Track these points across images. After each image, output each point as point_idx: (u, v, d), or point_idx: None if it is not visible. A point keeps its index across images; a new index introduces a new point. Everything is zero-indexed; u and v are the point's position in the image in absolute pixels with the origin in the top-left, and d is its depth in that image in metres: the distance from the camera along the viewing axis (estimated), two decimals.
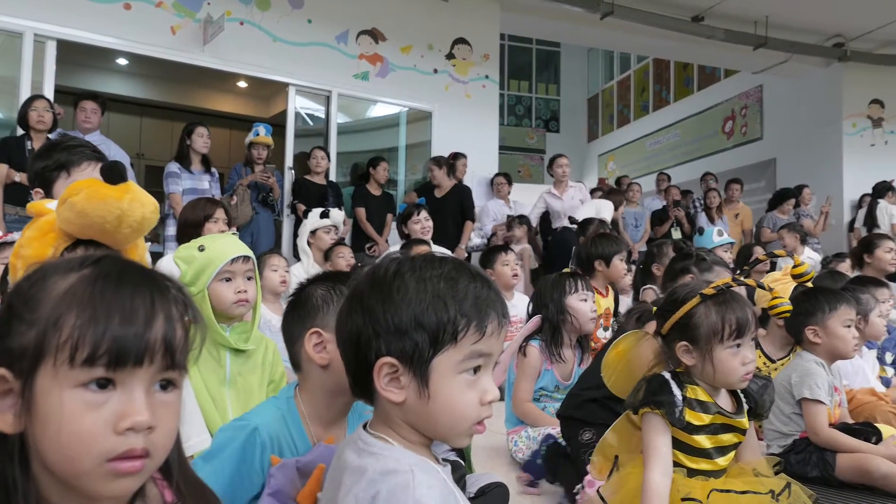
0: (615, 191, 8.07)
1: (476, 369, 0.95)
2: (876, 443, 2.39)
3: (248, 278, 1.98)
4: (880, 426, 2.50)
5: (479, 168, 7.69)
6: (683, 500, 1.62)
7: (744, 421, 1.69)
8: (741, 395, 1.72)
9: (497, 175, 7.74)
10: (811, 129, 10.14)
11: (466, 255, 6.76)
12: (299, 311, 1.41)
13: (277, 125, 7.05)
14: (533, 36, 12.11)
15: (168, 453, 0.75)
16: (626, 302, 4.18)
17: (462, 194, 6.73)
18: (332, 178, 6.84)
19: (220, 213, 3.97)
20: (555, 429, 2.36)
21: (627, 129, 15.12)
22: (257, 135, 6.21)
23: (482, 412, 0.96)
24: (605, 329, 3.34)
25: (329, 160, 6.65)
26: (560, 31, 9.54)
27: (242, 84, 9.45)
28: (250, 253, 2.00)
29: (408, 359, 0.92)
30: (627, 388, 1.75)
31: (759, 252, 4.95)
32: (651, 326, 1.87)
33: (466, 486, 1.85)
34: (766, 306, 2.19)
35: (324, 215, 4.25)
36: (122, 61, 8.73)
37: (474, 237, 6.97)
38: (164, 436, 0.73)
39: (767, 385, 1.74)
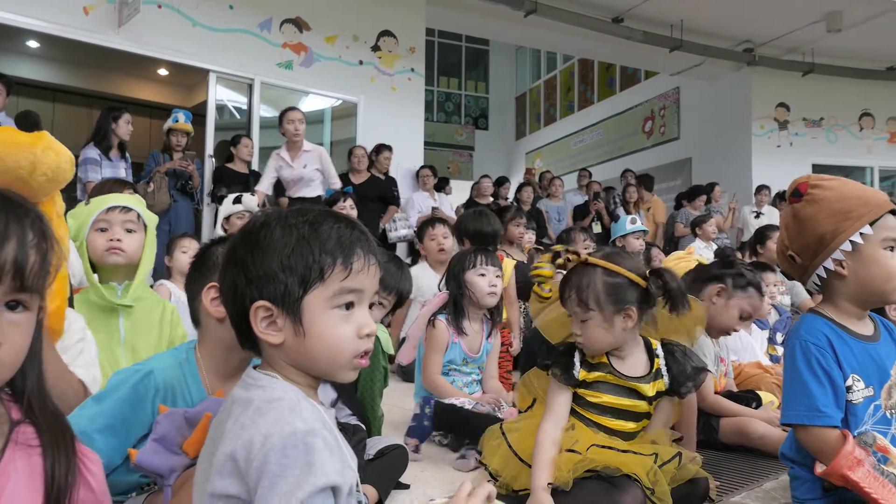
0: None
1: (349, 305, 1.00)
2: (756, 408, 2.57)
3: (130, 231, 1.93)
4: (761, 393, 2.69)
5: (405, 161, 7.73)
6: (567, 450, 1.73)
7: (645, 387, 1.79)
8: (664, 370, 1.82)
9: (423, 167, 7.81)
10: (724, 130, 10.65)
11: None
12: (200, 269, 1.46)
13: (199, 115, 6.91)
14: (459, 31, 12.24)
15: (14, 369, 0.79)
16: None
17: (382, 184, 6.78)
18: (256, 167, 6.75)
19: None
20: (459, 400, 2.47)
21: (554, 128, 15.48)
22: (176, 121, 6.07)
23: (360, 345, 1.01)
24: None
25: (254, 149, 6.56)
26: (486, 28, 9.69)
27: (163, 71, 9.20)
28: (133, 205, 1.96)
29: (280, 300, 0.97)
30: (553, 330, 1.90)
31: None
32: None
33: (366, 449, 1.91)
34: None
35: (237, 201, 4.20)
36: (32, 44, 8.36)
37: (400, 228, 7.02)
38: (10, 352, 0.77)
39: (691, 370, 1.83)
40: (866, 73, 10.21)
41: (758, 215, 8.54)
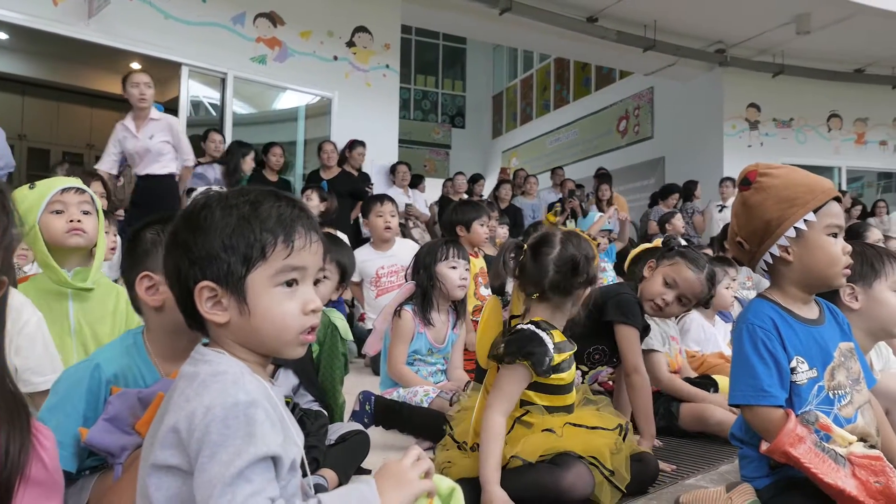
0: None
1: (293, 282, 1.02)
2: (713, 393, 2.62)
3: (86, 213, 1.90)
4: (718, 377, 2.73)
5: (379, 158, 7.73)
6: (543, 430, 1.74)
7: (574, 348, 1.86)
8: None
9: (398, 164, 7.80)
10: (696, 130, 10.79)
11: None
12: (132, 256, 1.43)
13: (172, 110, 6.85)
14: (435, 29, 12.27)
15: None
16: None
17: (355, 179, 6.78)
18: None
19: (96, 186, 3.85)
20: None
21: (530, 127, 15.57)
22: None
23: (305, 321, 1.03)
24: (487, 287, 3.51)
25: (225, 143, 6.52)
26: (461, 26, 9.71)
27: (135, 65, 9.05)
28: (85, 187, 1.94)
29: (224, 280, 0.99)
30: (486, 343, 1.85)
31: None
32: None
33: (328, 434, 1.93)
34: None
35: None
36: (1, 35, 8.23)
37: None
38: None
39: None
40: (834, 74, 10.41)
41: (721, 209, 8.61)
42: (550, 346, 1.73)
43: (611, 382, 3.03)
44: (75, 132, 10.32)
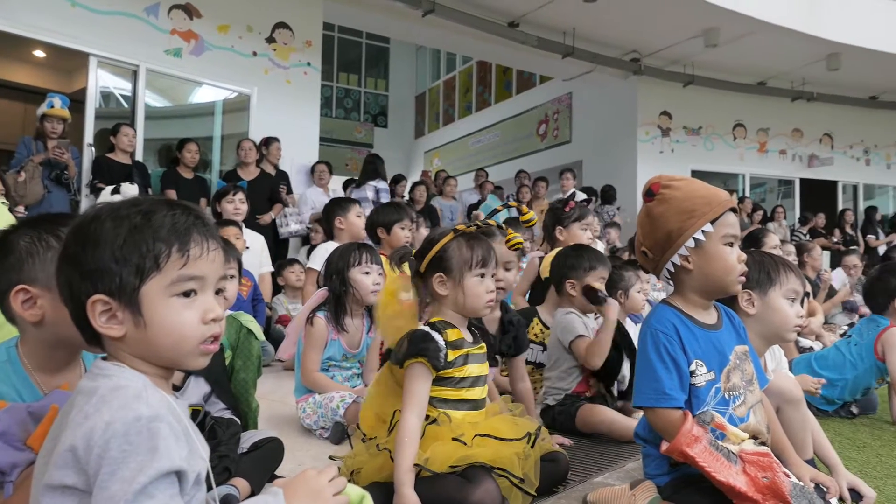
0: None
1: (191, 292, 1.00)
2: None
3: None
4: None
5: (299, 156, 7.61)
6: (453, 439, 1.76)
7: (483, 346, 1.92)
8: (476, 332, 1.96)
9: (318, 163, 7.70)
10: (612, 135, 11.15)
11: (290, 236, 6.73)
12: (2, 264, 1.31)
13: (79, 101, 6.53)
14: (358, 27, 12.20)
15: None
16: None
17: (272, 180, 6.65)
18: (140, 159, 6.45)
19: None
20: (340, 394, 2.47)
21: (452, 128, 15.68)
22: (52, 106, 5.71)
23: (205, 330, 1.01)
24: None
25: (137, 138, 6.28)
26: (385, 26, 9.68)
27: (40, 53, 8.61)
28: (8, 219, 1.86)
29: (116, 293, 0.96)
30: (396, 332, 1.87)
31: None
32: None
33: (240, 442, 1.89)
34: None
35: (115, 192, 4.02)
36: None
37: (292, 223, 6.90)
38: None
39: (487, 331, 1.98)
40: (740, 86, 10.99)
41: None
42: (442, 342, 1.78)
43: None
44: None
